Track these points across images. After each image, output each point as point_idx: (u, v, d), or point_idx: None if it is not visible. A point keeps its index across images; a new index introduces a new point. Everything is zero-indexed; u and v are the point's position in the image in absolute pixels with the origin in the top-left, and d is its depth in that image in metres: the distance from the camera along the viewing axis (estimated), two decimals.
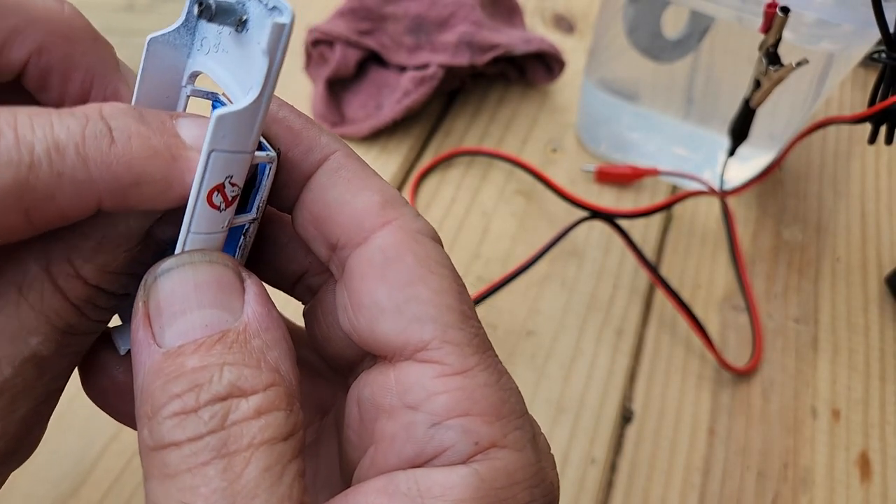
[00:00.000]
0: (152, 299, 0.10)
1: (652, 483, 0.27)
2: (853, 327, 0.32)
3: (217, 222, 0.11)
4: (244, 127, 0.10)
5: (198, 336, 0.10)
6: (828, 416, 0.29)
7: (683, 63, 0.32)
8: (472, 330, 0.11)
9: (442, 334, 0.11)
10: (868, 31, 0.25)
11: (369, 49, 0.36)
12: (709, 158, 0.35)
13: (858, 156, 0.39)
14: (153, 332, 0.10)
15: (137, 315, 0.11)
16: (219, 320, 0.10)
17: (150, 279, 0.11)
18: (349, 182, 0.12)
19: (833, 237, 0.35)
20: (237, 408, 0.10)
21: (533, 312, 0.31)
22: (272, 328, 0.11)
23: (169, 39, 0.11)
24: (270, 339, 0.11)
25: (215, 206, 0.11)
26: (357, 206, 0.12)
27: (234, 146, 0.10)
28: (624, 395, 0.29)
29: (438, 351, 0.11)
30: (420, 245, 0.12)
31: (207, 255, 0.11)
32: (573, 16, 0.45)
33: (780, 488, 0.27)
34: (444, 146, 0.37)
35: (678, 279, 0.33)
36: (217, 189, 0.10)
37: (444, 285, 0.11)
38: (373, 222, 0.12)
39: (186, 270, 0.11)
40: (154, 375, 0.10)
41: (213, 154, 0.10)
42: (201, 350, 0.10)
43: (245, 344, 0.10)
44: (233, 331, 0.10)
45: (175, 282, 0.10)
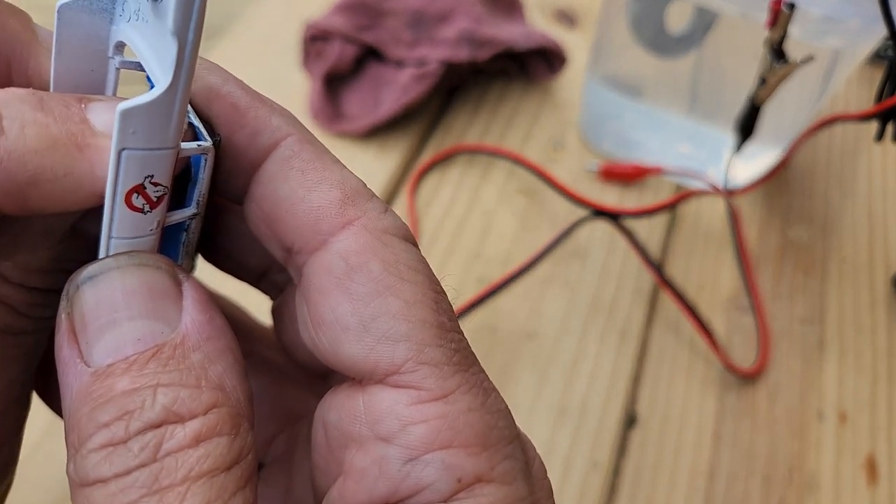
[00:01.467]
0: (76, 311, 0.09)
1: (656, 488, 0.26)
2: (860, 328, 0.31)
3: (143, 225, 0.10)
4: (159, 120, 0.09)
5: (129, 352, 0.09)
6: (834, 418, 0.29)
7: (688, 59, 0.31)
8: (453, 345, 0.10)
9: (417, 354, 0.10)
10: (875, 28, 0.25)
11: (367, 45, 0.35)
12: (713, 156, 0.35)
13: (865, 154, 0.39)
14: (79, 348, 0.09)
15: (61, 329, 0.09)
16: (153, 332, 0.09)
17: (71, 288, 0.09)
18: (303, 174, 0.10)
19: (839, 237, 0.35)
20: (172, 436, 0.08)
21: (535, 314, 0.30)
22: (214, 338, 0.09)
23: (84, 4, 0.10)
24: (213, 350, 0.09)
25: (137, 209, 0.09)
26: (312, 203, 0.10)
27: (150, 143, 0.09)
28: (627, 398, 0.28)
29: (413, 374, 0.09)
30: (388, 248, 0.10)
31: (136, 258, 0.09)
32: (575, 10, 0.44)
33: (786, 493, 0.27)
34: (443, 144, 0.36)
35: (682, 279, 0.32)
36: (135, 190, 0.09)
37: (417, 295, 0.10)
38: (331, 223, 0.10)
39: (112, 276, 0.09)
40: (81, 400, 0.09)
41: (124, 153, 0.09)
42: (133, 369, 0.09)
43: (183, 359, 0.09)
44: (168, 344, 0.09)
45: (100, 290, 0.09)
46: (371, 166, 0.35)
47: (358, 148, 0.36)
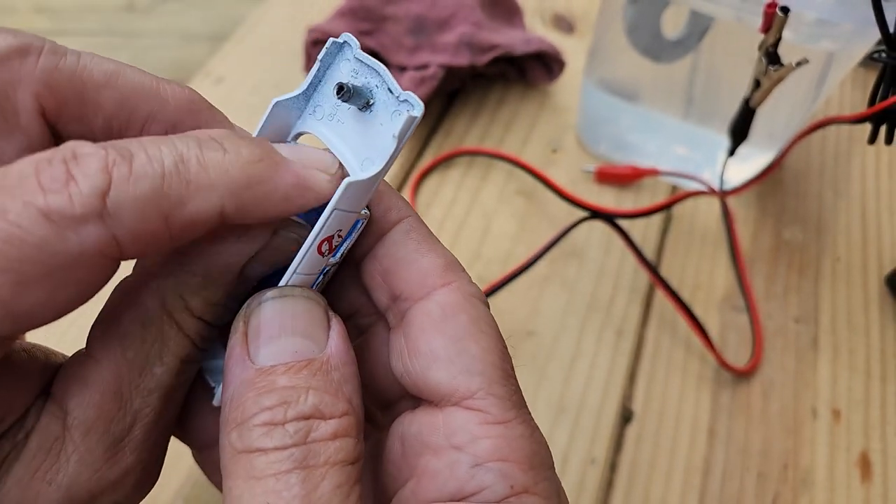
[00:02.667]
0: (252, 321, 0.12)
1: (652, 483, 0.27)
2: (853, 327, 0.32)
3: (318, 265, 0.13)
4: (362, 193, 0.12)
5: (288, 359, 0.12)
6: (828, 416, 0.29)
7: (683, 63, 0.32)
8: (513, 387, 0.13)
9: (487, 387, 0.12)
10: (868, 31, 0.25)
11: (369, 49, 0.36)
12: (709, 158, 0.35)
13: (858, 156, 0.39)
14: (249, 349, 0.12)
15: (236, 333, 0.12)
16: (307, 349, 0.12)
17: (253, 304, 0.12)
18: (418, 244, 0.14)
19: (833, 237, 0.35)
20: (317, 428, 0.11)
21: (533, 313, 0.31)
22: (349, 364, 0.12)
23: (290, 104, 0.13)
24: (347, 373, 0.12)
25: (321, 253, 0.12)
26: (423, 265, 0.13)
27: (351, 207, 0.12)
28: (624, 395, 0.29)
29: (483, 401, 0.12)
30: (473, 307, 0.13)
31: (304, 291, 0.13)
32: (573, 16, 0.45)
33: (781, 489, 0.27)
34: (444, 146, 0.37)
35: (678, 279, 0.33)
36: (327, 240, 0.12)
37: (491, 345, 0.13)
38: (435, 281, 0.13)
39: (286, 301, 0.12)
40: (246, 387, 0.11)
41: (335, 212, 0.12)
42: (290, 372, 0.11)
43: (327, 374, 0.12)
44: (317, 360, 0.12)
45: (275, 309, 0.12)
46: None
47: None
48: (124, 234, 0.10)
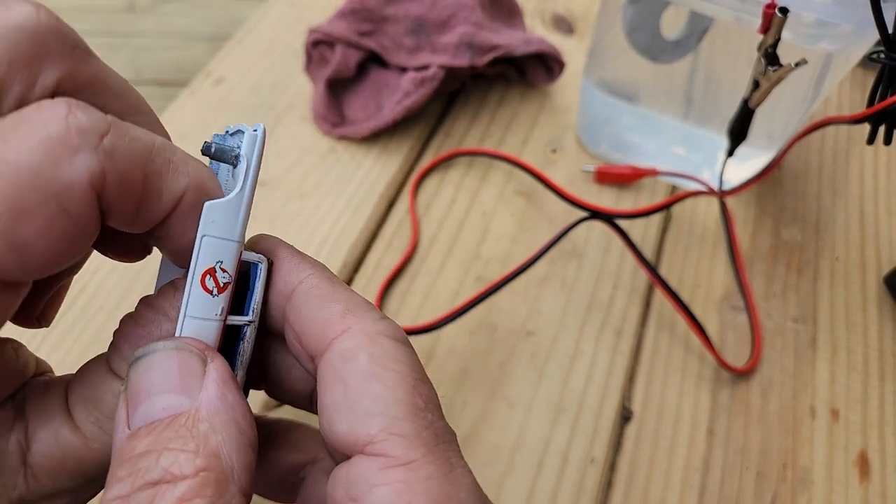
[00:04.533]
0: (129, 383, 0.12)
1: (651, 483, 0.27)
2: (852, 327, 0.32)
3: (210, 308, 0.12)
4: (230, 216, 0.12)
5: (157, 418, 0.11)
6: (826, 415, 0.29)
7: (682, 63, 0.32)
8: (423, 422, 0.12)
9: (389, 426, 0.11)
10: (867, 32, 0.25)
11: (370, 50, 0.36)
12: (708, 158, 0.35)
13: (857, 156, 0.39)
14: (128, 412, 0.11)
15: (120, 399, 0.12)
16: (176, 404, 0.11)
17: (133, 361, 0.12)
18: (318, 298, 0.13)
19: (832, 237, 0.35)
20: (163, 495, 0.10)
21: (533, 312, 0.31)
22: (222, 411, 0.11)
23: None
24: (218, 422, 0.11)
25: (208, 290, 0.12)
26: (321, 315, 0.13)
27: (223, 233, 0.12)
28: (623, 394, 0.29)
29: (384, 443, 0.11)
30: (376, 345, 0.12)
31: (175, 343, 0.12)
32: (573, 17, 0.45)
33: (779, 488, 0.27)
34: (444, 147, 0.37)
35: (677, 279, 0.33)
36: (209, 273, 0.12)
37: (396, 381, 0.12)
38: (334, 330, 0.12)
39: (155, 357, 0.12)
40: (115, 456, 0.11)
41: (205, 238, 0.12)
42: (153, 433, 0.11)
43: (192, 428, 0.11)
44: (184, 415, 0.11)
45: (145, 367, 0.12)
46: (373, 169, 0.36)
47: (361, 151, 0.36)
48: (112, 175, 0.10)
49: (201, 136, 0.36)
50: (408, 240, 0.33)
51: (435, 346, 0.29)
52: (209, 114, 0.37)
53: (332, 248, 0.32)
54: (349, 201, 0.34)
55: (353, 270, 0.32)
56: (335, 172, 0.35)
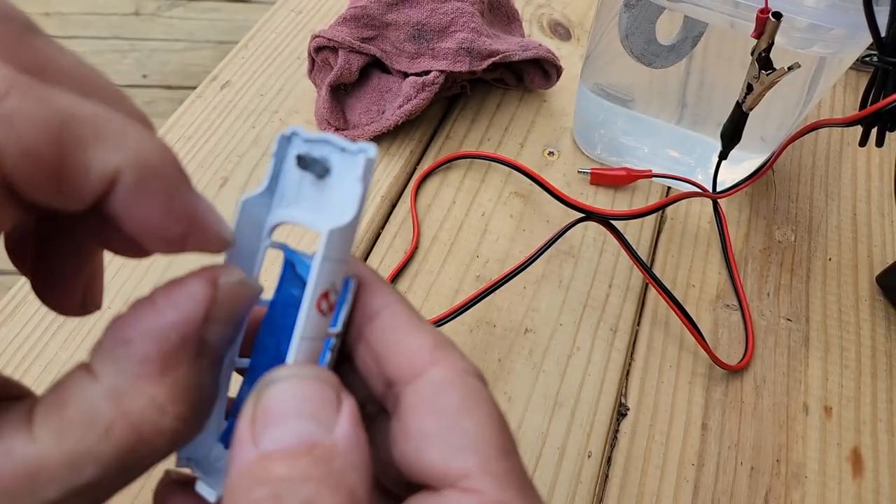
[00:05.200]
0: (262, 402, 0.11)
1: (647, 477, 0.27)
2: (844, 325, 0.32)
3: (321, 328, 0.13)
4: (346, 239, 0.12)
5: (292, 443, 0.11)
6: (819, 412, 0.30)
7: (677, 68, 0.33)
8: (511, 464, 0.12)
9: (482, 465, 0.12)
10: (859, 35, 0.26)
11: (372, 55, 0.37)
12: (702, 161, 0.36)
13: (850, 158, 0.40)
14: (255, 432, 0.11)
15: (245, 414, 0.11)
16: (312, 433, 0.11)
17: (262, 384, 0.12)
18: (406, 325, 0.13)
19: (825, 238, 0.36)
20: None
21: (530, 311, 0.32)
22: (356, 450, 0.11)
23: (257, 200, 0.13)
24: (353, 461, 0.11)
25: (322, 311, 0.12)
26: (412, 346, 0.13)
27: (338, 255, 0.12)
28: (619, 390, 0.29)
29: (479, 480, 0.11)
30: (466, 383, 0.13)
31: (315, 371, 0.12)
32: (570, 23, 0.46)
33: (773, 483, 0.28)
34: (444, 150, 0.38)
35: (672, 279, 0.33)
36: (324, 296, 0.12)
37: (486, 420, 0.12)
38: (424, 361, 0.13)
39: (295, 382, 0.12)
40: (244, 475, 0.11)
41: (325, 262, 0.12)
42: (289, 459, 0.11)
43: (329, 462, 0.11)
44: (321, 446, 0.11)
45: (284, 390, 0.12)
46: (375, 171, 0.36)
47: None
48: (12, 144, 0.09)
49: (207, 139, 0.37)
50: (409, 240, 0.34)
51: None
52: (215, 117, 0.38)
53: None
54: None
55: None
56: None
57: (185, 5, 1.14)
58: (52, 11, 1.22)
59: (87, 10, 1.10)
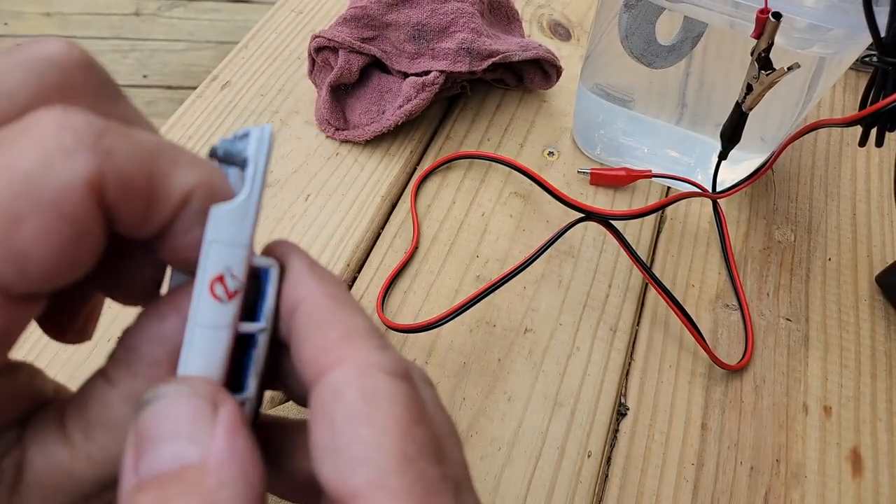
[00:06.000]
0: (137, 427, 0.11)
1: (646, 476, 0.27)
2: (844, 325, 0.32)
3: (220, 315, 0.12)
4: (238, 220, 0.12)
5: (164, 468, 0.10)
6: (819, 412, 0.30)
7: (676, 68, 0.33)
8: (413, 474, 0.10)
9: (374, 478, 0.10)
10: (859, 36, 0.26)
11: (372, 55, 0.37)
12: (701, 161, 0.36)
13: (849, 158, 0.40)
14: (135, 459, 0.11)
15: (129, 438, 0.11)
16: (184, 454, 0.10)
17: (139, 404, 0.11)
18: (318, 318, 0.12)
19: (824, 238, 0.36)
20: None
21: (530, 310, 0.32)
22: (231, 464, 0.10)
23: None
24: (227, 476, 0.10)
25: (217, 297, 0.12)
26: (314, 342, 0.12)
27: (231, 238, 0.12)
28: (619, 390, 0.29)
29: (371, 498, 0.10)
30: (369, 381, 0.11)
31: (185, 385, 0.11)
32: (570, 23, 0.46)
33: (773, 483, 0.28)
34: (444, 150, 0.38)
35: (671, 278, 0.33)
36: (217, 279, 0.12)
37: (388, 424, 0.11)
38: (328, 359, 0.11)
39: (165, 401, 0.11)
40: None
41: (213, 244, 0.12)
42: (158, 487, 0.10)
43: (199, 483, 0.10)
44: (191, 467, 0.10)
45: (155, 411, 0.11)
46: (376, 171, 0.36)
47: (363, 154, 0.37)
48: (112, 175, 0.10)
49: (208, 139, 0.37)
50: (409, 240, 0.34)
51: (435, 342, 0.30)
52: (216, 117, 0.38)
53: (336, 248, 0.33)
54: (352, 203, 0.35)
55: (356, 270, 0.33)
56: (339, 175, 0.36)
57: (186, 5, 1.14)
58: (52, 11, 1.22)
59: (87, 11, 1.11)
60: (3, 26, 1.20)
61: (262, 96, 0.39)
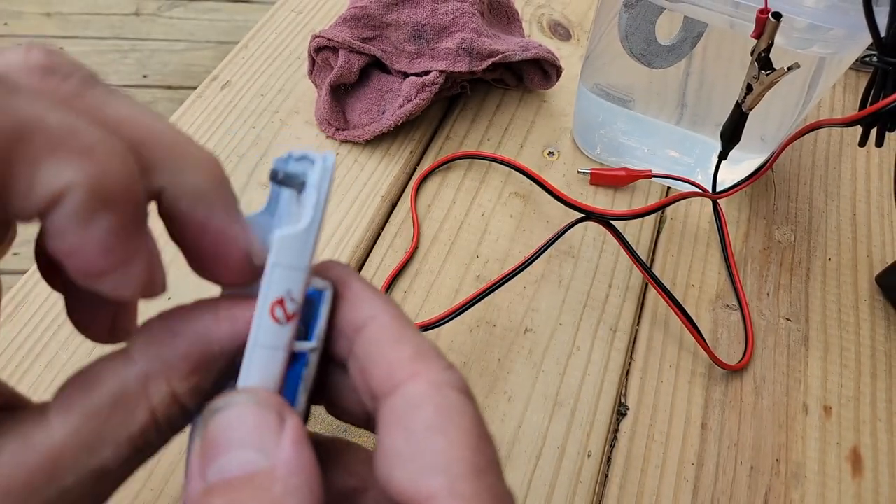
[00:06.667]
0: (207, 434, 0.12)
1: (646, 476, 0.27)
2: (844, 325, 0.32)
3: (278, 337, 0.12)
4: (301, 245, 0.12)
5: (233, 475, 0.11)
6: (819, 412, 0.30)
7: (676, 68, 0.33)
8: (484, 484, 0.11)
9: (450, 486, 0.11)
10: (859, 36, 0.26)
11: (372, 55, 0.37)
12: (701, 161, 0.36)
13: (849, 158, 0.40)
14: (202, 465, 0.11)
15: (195, 447, 0.12)
16: (252, 462, 0.11)
17: (206, 414, 0.12)
18: (388, 337, 0.13)
19: (824, 238, 0.36)
20: None
21: (530, 310, 0.32)
22: (297, 473, 0.11)
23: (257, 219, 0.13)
24: (293, 484, 0.11)
25: (277, 320, 0.12)
26: (391, 358, 0.13)
27: (293, 263, 0.12)
28: (619, 390, 0.30)
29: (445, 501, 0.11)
30: (443, 396, 0.12)
31: (254, 396, 0.12)
32: (570, 23, 0.46)
33: (773, 483, 0.28)
34: (444, 150, 0.38)
35: (671, 278, 0.33)
36: (278, 303, 0.12)
37: (460, 437, 0.12)
38: (401, 374, 0.12)
39: (234, 410, 0.12)
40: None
41: (276, 269, 0.12)
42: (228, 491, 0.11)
43: (267, 489, 0.11)
44: (260, 474, 0.11)
45: (226, 419, 0.12)
46: (376, 172, 0.36)
47: (363, 154, 0.37)
48: None
49: (208, 139, 0.37)
50: (409, 240, 0.34)
51: (436, 342, 0.30)
52: (216, 117, 0.38)
53: (337, 248, 0.33)
54: (352, 203, 0.35)
55: (356, 270, 0.33)
56: (339, 175, 0.36)
57: (186, 5, 1.14)
58: (52, 12, 1.22)
59: (87, 11, 1.11)
60: (3, 26, 1.20)
61: (262, 96, 0.39)
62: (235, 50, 0.42)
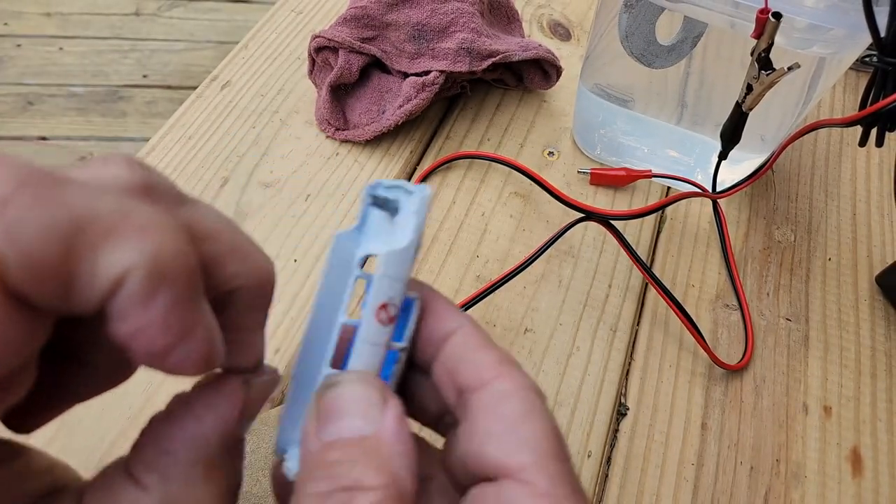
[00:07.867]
0: (324, 402, 0.14)
1: (646, 476, 0.27)
2: (844, 325, 0.32)
3: (380, 336, 0.15)
4: (401, 261, 0.15)
5: (346, 436, 0.13)
6: (819, 412, 0.30)
7: (676, 68, 0.33)
8: (564, 468, 0.13)
9: (538, 462, 0.13)
10: (859, 36, 0.26)
11: (372, 55, 0.37)
12: (701, 161, 0.36)
13: (849, 158, 0.40)
14: (318, 427, 0.13)
15: (311, 412, 0.14)
16: (361, 428, 0.13)
17: (324, 386, 0.14)
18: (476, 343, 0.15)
19: (824, 238, 0.36)
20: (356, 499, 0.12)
21: (530, 310, 0.32)
22: (398, 442, 0.13)
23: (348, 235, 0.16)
24: (396, 450, 0.13)
25: (381, 321, 0.14)
26: (481, 360, 0.15)
27: (396, 274, 0.15)
28: (619, 390, 0.30)
29: (534, 474, 0.13)
30: (526, 395, 0.14)
31: (365, 377, 0.14)
32: (570, 23, 0.46)
33: (773, 482, 0.28)
34: (444, 150, 0.38)
35: (671, 278, 0.33)
36: (383, 307, 0.14)
37: (543, 429, 0.14)
38: (491, 373, 0.14)
39: (349, 386, 0.14)
40: (310, 461, 0.13)
41: (384, 278, 0.14)
42: (343, 448, 0.13)
43: (375, 450, 0.13)
44: (369, 437, 0.13)
45: (341, 393, 0.14)
46: (376, 171, 0.36)
47: (363, 154, 0.37)
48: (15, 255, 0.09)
49: (208, 139, 0.37)
50: None
51: None
52: (216, 117, 0.38)
53: None
54: (352, 203, 0.35)
55: None
56: (339, 175, 0.36)
57: (186, 5, 1.14)
58: (52, 11, 1.22)
59: (87, 10, 1.10)
60: (3, 26, 1.20)
61: (262, 96, 0.39)
62: (235, 50, 0.42)
